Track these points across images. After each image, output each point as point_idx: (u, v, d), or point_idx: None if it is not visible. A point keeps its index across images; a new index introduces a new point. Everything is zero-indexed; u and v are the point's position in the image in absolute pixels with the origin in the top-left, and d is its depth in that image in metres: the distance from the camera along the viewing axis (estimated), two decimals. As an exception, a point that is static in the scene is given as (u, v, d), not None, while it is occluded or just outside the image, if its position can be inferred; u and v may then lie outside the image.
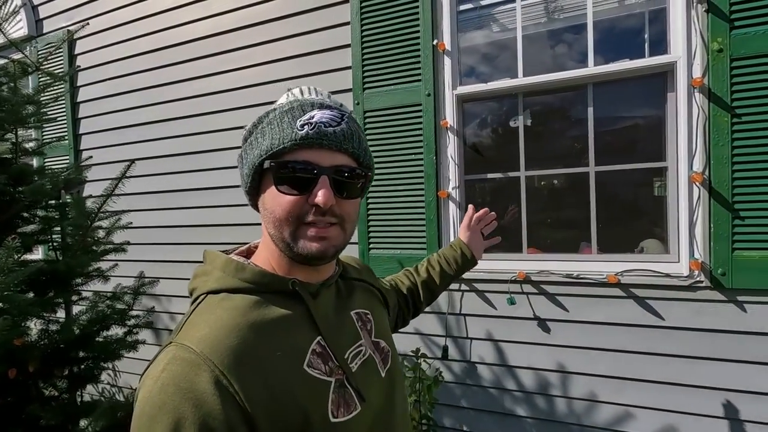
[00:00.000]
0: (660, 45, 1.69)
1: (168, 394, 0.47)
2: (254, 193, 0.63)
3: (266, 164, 0.57)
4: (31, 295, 1.46)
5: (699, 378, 1.63)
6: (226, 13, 2.43)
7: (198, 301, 0.59)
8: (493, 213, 1.13)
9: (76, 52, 2.97)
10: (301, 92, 0.63)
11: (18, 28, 3.09)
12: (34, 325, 1.42)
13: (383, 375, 0.67)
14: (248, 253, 0.68)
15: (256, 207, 0.64)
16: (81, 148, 3.00)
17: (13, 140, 1.38)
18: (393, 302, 0.93)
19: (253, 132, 0.61)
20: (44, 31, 3.09)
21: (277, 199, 0.57)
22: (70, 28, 2.93)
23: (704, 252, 1.60)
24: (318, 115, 0.57)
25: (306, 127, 0.56)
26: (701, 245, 1.61)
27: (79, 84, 2.96)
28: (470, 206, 1.13)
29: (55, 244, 1.50)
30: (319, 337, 0.59)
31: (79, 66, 2.94)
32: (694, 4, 1.58)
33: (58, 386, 1.50)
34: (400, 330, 0.99)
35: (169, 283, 2.47)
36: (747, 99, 1.52)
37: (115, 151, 2.84)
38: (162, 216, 2.71)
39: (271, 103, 0.64)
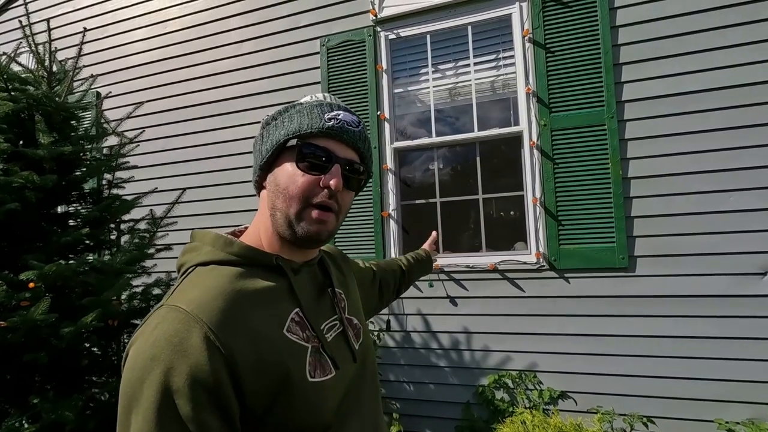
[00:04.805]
0: (516, 119, 2.71)
1: (159, 348, 0.50)
2: (266, 168, 0.68)
3: (292, 142, 0.64)
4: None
5: (546, 328, 2.55)
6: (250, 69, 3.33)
7: (187, 272, 0.63)
8: (435, 232, 1.77)
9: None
10: (324, 97, 0.71)
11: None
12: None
13: (356, 347, 0.73)
14: (234, 235, 0.72)
15: (259, 184, 0.70)
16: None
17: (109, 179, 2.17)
18: (368, 279, 1.05)
19: (277, 118, 0.68)
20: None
21: (293, 177, 0.63)
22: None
23: (544, 247, 2.56)
24: (343, 114, 0.66)
25: (333, 120, 0.64)
26: (543, 242, 2.57)
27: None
28: (434, 232, 1.76)
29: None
30: (297, 308, 0.64)
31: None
32: (530, 97, 2.61)
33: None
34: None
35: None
36: (561, 154, 2.53)
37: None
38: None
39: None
